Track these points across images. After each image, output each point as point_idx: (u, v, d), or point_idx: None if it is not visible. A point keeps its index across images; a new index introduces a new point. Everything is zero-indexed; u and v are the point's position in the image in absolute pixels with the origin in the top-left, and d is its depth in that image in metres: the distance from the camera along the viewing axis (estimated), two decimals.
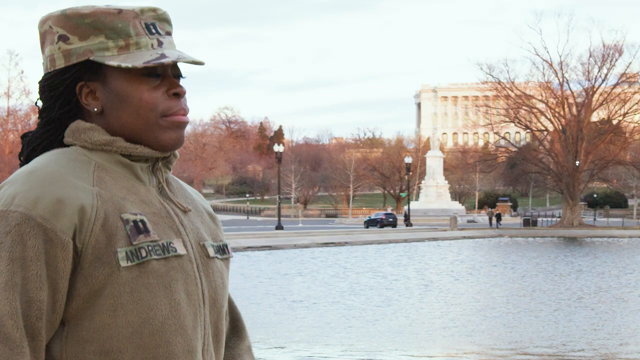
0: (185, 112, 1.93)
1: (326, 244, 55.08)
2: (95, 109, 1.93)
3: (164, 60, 1.88)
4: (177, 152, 1.99)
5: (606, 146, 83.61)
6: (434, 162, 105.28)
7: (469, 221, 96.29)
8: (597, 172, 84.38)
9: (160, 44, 1.93)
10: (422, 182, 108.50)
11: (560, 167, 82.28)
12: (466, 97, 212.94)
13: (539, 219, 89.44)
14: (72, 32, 1.92)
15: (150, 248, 1.84)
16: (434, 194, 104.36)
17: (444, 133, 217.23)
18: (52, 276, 1.78)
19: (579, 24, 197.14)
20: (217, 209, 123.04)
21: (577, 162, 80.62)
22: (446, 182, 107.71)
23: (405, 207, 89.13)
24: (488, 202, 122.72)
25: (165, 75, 1.93)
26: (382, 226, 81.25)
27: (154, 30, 1.94)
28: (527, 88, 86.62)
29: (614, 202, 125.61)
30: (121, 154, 1.93)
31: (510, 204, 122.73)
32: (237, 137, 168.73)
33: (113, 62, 1.89)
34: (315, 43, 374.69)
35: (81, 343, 1.81)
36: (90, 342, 1.81)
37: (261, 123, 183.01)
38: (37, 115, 1.97)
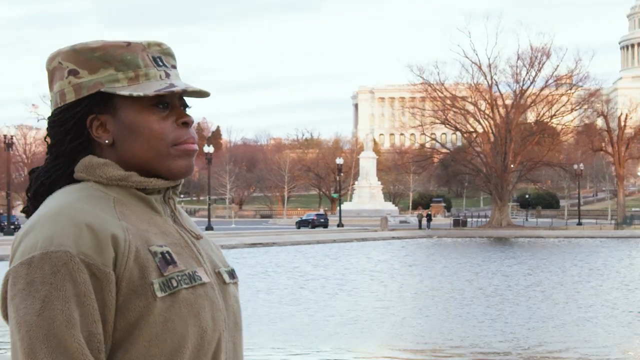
0: (194, 140, 1.99)
1: (254, 245, 55.23)
2: (107, 141, 1.95)
3: (174, 89, 1.93)
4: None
5: (536, 148, 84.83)
6: (367, 163, 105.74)
7: (401, 222, 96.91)
8: (526, 173, 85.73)
9: (167, 75, 1.99)
10: (356, 182, 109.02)
11: (489, 168, 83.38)
12: (402, 99, 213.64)
13: (470, 220, 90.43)
14: (82, 66, 1.96)
15: (179, 278, 1.89)
16: (367, 194, 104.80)
17: (381, 134, 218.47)
18: (101, 310, 1.82)
19: (508, 26, 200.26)
20: None
21: (506, 163, 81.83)
22: (379, 182, 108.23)
23: (339, 208, 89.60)
24: (422, 202, 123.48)
25: (174, 106, 1.98)
26: (313, 227, 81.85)
27: (160, 63, 1.99)
28: (457, 90, 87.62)
29: (546, 202, 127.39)
30: (136, 187, 1.97)
31: (444, 204, 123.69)
32: None
33: (124, 92, 1.92)
34: (255, 44, 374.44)
35: None
36: None
37: (199, 123, 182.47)
38: (46, 152, 2.01)
